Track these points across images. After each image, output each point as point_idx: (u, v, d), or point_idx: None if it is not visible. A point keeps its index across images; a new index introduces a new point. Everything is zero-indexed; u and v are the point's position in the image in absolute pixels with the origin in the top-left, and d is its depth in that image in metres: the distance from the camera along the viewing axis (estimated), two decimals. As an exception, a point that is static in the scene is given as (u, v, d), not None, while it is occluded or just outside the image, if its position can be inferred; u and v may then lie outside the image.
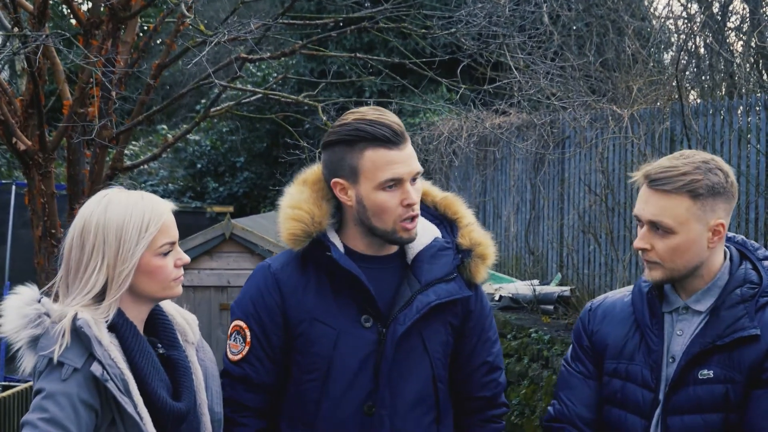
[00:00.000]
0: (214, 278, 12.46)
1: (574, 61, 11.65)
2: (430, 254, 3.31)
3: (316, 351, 3.24)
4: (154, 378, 2.95)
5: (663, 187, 3.10)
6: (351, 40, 20.45)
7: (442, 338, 3.33)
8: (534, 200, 13.40)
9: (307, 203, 3.27)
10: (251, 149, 24.67)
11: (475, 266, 3.35)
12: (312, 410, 3.25)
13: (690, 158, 3.14)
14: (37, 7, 8.08)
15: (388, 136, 3.13)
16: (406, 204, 3.18)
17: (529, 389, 9.70)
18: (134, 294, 3.02)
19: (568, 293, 11.18)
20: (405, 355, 3.25)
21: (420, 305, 3.22)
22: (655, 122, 10.01)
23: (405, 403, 3.24)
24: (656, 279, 3.19)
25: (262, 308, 3.29)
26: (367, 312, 3.24)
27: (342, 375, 3.22)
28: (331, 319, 3.24)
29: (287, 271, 3.30)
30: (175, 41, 9.59)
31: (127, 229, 2.95)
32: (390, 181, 3.15)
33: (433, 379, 3.30)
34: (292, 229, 3.25)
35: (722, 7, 10.96)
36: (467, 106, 14.10)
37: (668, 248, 3.12)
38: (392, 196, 3.17)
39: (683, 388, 3.13)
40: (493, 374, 3.43)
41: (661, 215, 3.10)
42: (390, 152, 3.14)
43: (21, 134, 8.51)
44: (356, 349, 3.22)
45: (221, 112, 10.39)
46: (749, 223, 8.73)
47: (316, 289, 3.26)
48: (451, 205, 3.45)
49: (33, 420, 2.78)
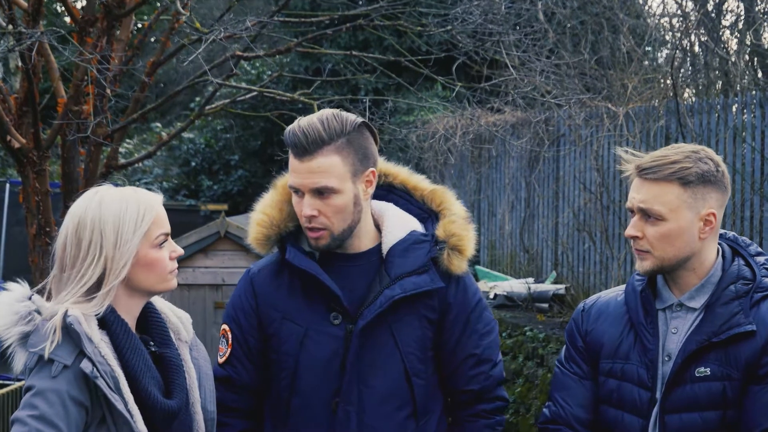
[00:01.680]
0: (209, 276, 12.46)
1: (569, 59, 11.64)
2: (402, 248, 3.30)
3: (285, 349, 3.28)
4: (146, 375, 2.95)
5: (653, 175, 3.12)
6: (346, 38, 20.44)
7: (417, 333, 3.30)
8: (529, 198, 13.39)
9: (270, 207, 3.36)
10: (245, 147, 24.66)
11: (450, 258, 3.32)
12: (285, 408, 3.30)
13: (680, 148, 3.18)
14: (32, 4, 8.07)
15: (296, 145, 3.17)
16: (304, 215, 3.21)
17: (524, 387, 9.70)
18: (130, 288, 3.01)
19: (563, 291, 11.18)
20: (372, 350, 3.25)
21: (383, 299, 3.22)
22: (650, 120, 10.00)
23: (374, 398, 3.24)
24: (647, 269, 3.19)
25: (240, 311, 3.38)
26: (335, 309, 3.25)
27: (309, 372, 3.25)
28: (299, 317, 3.28)
29: (263, 274, 3.39)
30: (170, 39, 9.58)
31: (124, 221, 2.96)
32: (291, 187, 3.23)
33: (405, 374, 3.28)
34: (254, 233, 3.37)
35: (717, 5, 10.96)
36: (462, 103, 14.09)
37: (658, 235, 3.13)
38: (297, 202, 3.24)
39: (680, 386, 3.13)
40: (480, 367, 3.38)
41: (651, 202, 3.12)
42: (293, 161, 3.20)
43: (15, 132, 8.50)
44: (322, 346, 3.24)
45: (216, 110, 10.39)
46: (744, 221, 8.73)
47: (288, 290, 3.32)
48: (436, 197, 3.44)
49: (23, 417, 2.77)
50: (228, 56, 9.31)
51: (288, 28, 14.16)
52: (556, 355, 9.19)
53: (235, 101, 10.77)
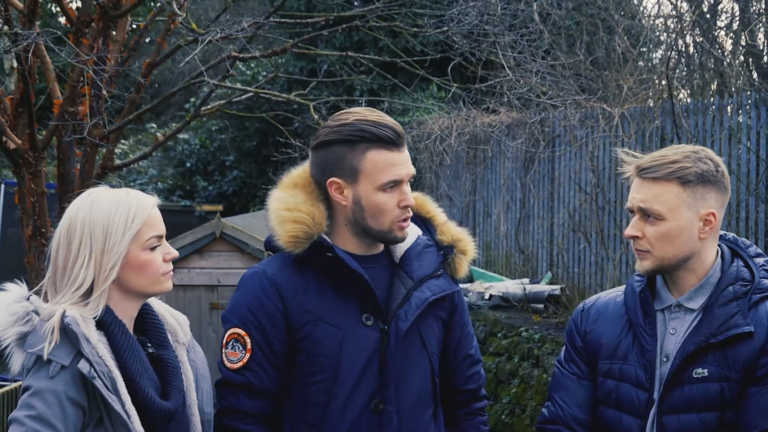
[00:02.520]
0: (204, 277, 12.44)
1: (564, 60, 11.66)
2: (416, 252, 3.35)
3: (320, 352, 3.22)
4: (143, 376, 2.94)
5: (652, 175, 3.13)
6: (341, 38, 20.41)
7: (437, 333, 3.37)
8: (524, 199, 13.40)
9: (305, 205, 3.26)
10: (240, 148, 24.63)
11: (458, 262, 3.41)
12: (319, 412, 3.24)
13: (680, 149, 3.19)
14: (28, 5, 8.06)
15: (392, 138, 3.18)
16: (403, 205, 3.22)
17: (520, 388, 9.70)
18: (124, 290, 3.01)
19: (559, 292, 11.20)
20: (406, 351, 3.27)
21: (419, 301, 3.27)
22: (646, 121, 10.02)
23: (409, 398, 3.27)
24: (646, 269, 3.19)
25: (263, 315, 3.24)
26: (368, 310, 3.25)
27: (349, 374, 3.22)
28: (334, 319, 3.23)
29: (285, 275, 3.26)
30: (166, 40, 9.58)
31: (113, 222, 2.95)
32: (391, 183, 3.20)
33: (431, 374, 3.34)
34: (294, 232, 3.22)
35: (712, 6, 10.98)
36: (458, 104, 14.10)
37: (658, 234, 3.13)
38: (391, 197, 3.21)
39: (678, 387, 3.13)
40: (475, 367, 3.50)
41: (650, 201, 3.13)
42: (392, 154, 3.19)
43: (11, 133, 8.49)
44: (361, 348, 3.23)
45: (212, 111, 10.38)
46: (740, 222, 8.75)
47: (317, 291, 3.25)
48: (423, 204, 3.49)
49: (20, 417, 2.78)
50: (224, 57, 9.30)
51: (283, 29, 14.13)
52: (551, 355, 9.20)
53: (231, 102, 10.77)
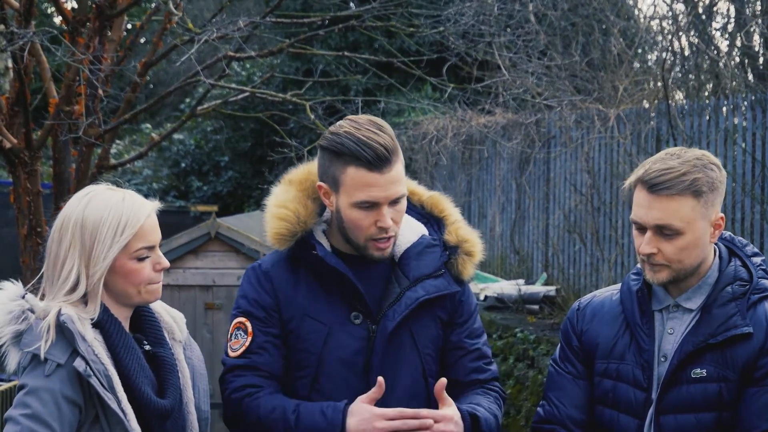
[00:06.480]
0: (199, 277, 12.45)
1: (560, 61, 11.66)
2: (417, 251, 3.33)
3: (305, 347, 3.24)
4: (139, 374, 2.94)
5: (667, 191, 3.07)
6: (336, 39, 20.42)
7: (432, 333, 3.33)
8: (519, 200, 13.40)
9: (293, 202, 3.28)
10: (235, 148, 24.64)
11: (463, 263, 3.37)
12: None
13: (683, 157, 3.12)
14: (24, 4, 8.05)
15: (370, 159, 3.10)
16: (379, 226, 3.17)
17: (515, 389, 9.70)
18: (113, 294, 3.01)
19: (554, 293, 11.19)
20: (395, 351, 3.25)
21: (408, 301, 3.23)
22: (641, 122, 10.02)
23: (397, 399, 3.21)
24: (662, 280, 3.16)
25: (259, 306, 3.27)
26: (356, 309, 3.24)
27: (332, 371, 3.22)
28: (321, 315, 3.24)
29: (277, 269, 3.30)
30: (162, 39, 9.56)
31: (102, 231, 2.93)
32: (365, 203, 3.15)
33: (423, 375, 3.31)
34: (278, 228, 3.26)
35: (707, 7, 10.98)
36: (453, 105, 14.10)
37: (677, 249, 3.10)
38: (366, 216, 3.17)
39: (676, 387, 3.13)
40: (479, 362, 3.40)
41: (668, 219, 3.08)
42: (370, 174, 3.11)
43: (6, 132, 8.48)
44: (346, 346, 3.22)
45: (208, 111, 10.37)
46: (735, 223, 8.75)
47: (307, 287, 3.27)
48: (437, 203, 3.47)
49: (15, 416, 2.78)
50: (220, 57, 9.29)
51: (279, 29, 14.14)
52: (546, 356, 9.20)
53: (227, 102, 10.76)
